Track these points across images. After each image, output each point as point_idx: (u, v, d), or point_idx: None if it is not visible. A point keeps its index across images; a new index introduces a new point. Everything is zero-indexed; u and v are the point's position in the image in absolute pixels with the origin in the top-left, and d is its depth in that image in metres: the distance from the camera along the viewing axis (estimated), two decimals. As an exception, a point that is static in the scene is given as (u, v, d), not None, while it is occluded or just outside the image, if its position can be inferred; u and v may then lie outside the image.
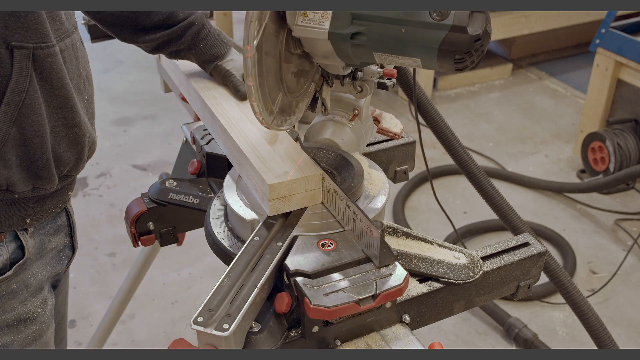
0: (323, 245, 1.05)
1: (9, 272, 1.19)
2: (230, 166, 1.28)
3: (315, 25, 1.00)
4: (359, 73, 1.21)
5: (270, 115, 1.04)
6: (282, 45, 1.03)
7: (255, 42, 0.94)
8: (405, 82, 1.62)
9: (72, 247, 1.41)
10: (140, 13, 1.29)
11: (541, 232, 3.07)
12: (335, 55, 1.04)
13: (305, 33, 1.01)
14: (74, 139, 1.20)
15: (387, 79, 1.25)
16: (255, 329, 0.97)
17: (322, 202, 1.16)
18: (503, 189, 3.44)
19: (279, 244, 1.05)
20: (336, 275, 1.00)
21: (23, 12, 1.06)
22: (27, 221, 1.20)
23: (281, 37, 1.03)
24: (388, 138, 1.49)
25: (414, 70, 1.58)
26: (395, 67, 1.31)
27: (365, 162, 1.27)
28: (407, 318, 1.08)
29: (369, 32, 0.97)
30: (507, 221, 1.75)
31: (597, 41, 3.35)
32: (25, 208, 1.19)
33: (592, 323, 1.71)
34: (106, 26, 1.33)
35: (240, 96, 1.34)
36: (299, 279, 0.98)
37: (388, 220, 1.16)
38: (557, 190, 3.38)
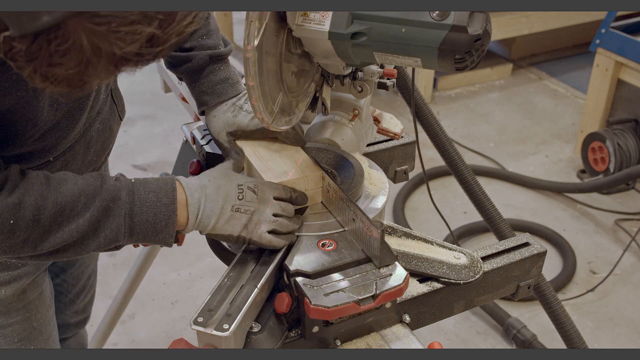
0: (323, 245, 1.05)
1: None
2: (230, 166, 1.28)
3: (315, 25, 1.00)
4: (359, 73, 1.21)
5: (271, 115, 1.04)
6: (283, 45, 1.03)
7: (255, 42, 0.94)
8: (404, 85, 1.62)
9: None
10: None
11: (541, 232, 3.07)
12: (336, 55, 1.04)
13: (305, 33, 1.01)
14: None
15: (387, 78, 1.25)
16: (255, 329, 0.97)
17: (322, 202, 1.16)
18: (503, 189, 3.44)
19: (279, 244, 1.05)
20: (336, 276, 1.00)
21: None
22: None
23: (281, 36, 1.02)
24: (388, 138, 1.49)
25: (413, 74, 1.58)
26: (395, 67, 1.31)
27: (365, 162, 1.27)
28: (407, 318, 1.08)
29: (369, 32, 0.97)
30: (492, 224, 1.77)
31: (597, 41, 3.35)
32: None
33: (564, 323, 1.74)
34: None
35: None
36: (299, 279, 0.98)
37: (388, 221, 1.16)
38: (557, 190, 3.38)
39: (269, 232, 1.04)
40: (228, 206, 1.03)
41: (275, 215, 1.05)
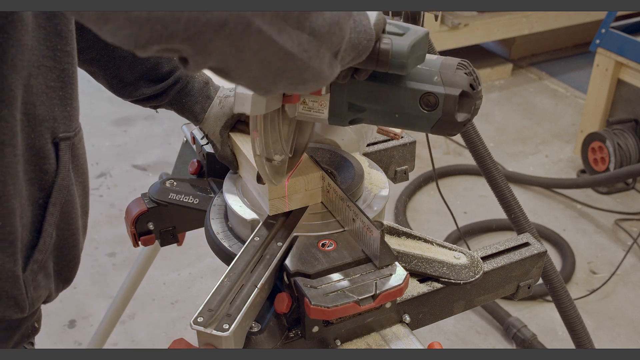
0: (323, 245, 1.05)
1: None
2: (230, 166, 1.28)
3: (314, 112, 1.03)
4: None
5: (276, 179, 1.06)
6: (281, 118, 1.04)
7: (261, 128, 0.97)
8: None
9: None
10: (122, 64, 1.19)
11: (541, 233, 3.07)
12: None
13: (306, 118, 1.04)
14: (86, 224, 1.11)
15: None
16: (255, 329, 0.97)
17: (322, 202, 1.16)
18: (503, 189, 3.44)
19: (279, 244, 1.05)
20: (336, 276, 1.00)
21: (69, 96, 0.96)
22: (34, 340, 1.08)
23: (281, 113, 1.03)
24: (388, 138, 1.49)
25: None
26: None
27: (365, 162, 1.27)
28: (407, 318, 1.08)
29: (365, 117, 1.01)
30: (517, 224, 1.75)
31: (597, 41, 3.35)
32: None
33: (576, 325, 1.73)
34: (86, 69, 1.22)
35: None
36: (299, 279, 0.98)
37: (389, 221, 1.16)
38: (555, 186, 3.38)
39: None
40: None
41: None
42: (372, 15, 0.85)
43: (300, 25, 0.69)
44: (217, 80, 1.35)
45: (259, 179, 1.08)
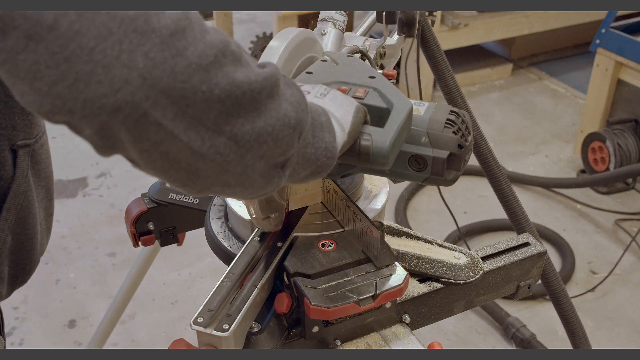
0: (323, 245, 1.05)
1: None
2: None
3: None
4: None
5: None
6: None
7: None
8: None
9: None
10: None
11: (541, 233, 3.07)
12: None
13: None
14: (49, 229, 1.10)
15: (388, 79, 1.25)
16: (255, 329, 0.97)
17: (322, 202, 1.16)
18: (503, 189, 3.44)
19: (279, 244, 1.05)
20: (336, 276, 1.00)
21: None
22: None
23: None
24: (388, 138, 1.49)
25: (418, 73, 1.58)
26: (394, 68, 1.31)
27: (365, 162, 1.27)
28: (407, 318, 1.08)
29: (356, 172, 1.00)
30: (517, 225, 1.75)
31: (597, 41, 3.35)
32: None
33: (573, 324, 1.73)
34: None
35: None
36: (298, 279, 0.98)
37: (389, 221, 1.16)
38: (554, 186, 3.38)
39: None
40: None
41: None
42: (348, 116, 0.82)
43: (218, 128, 0.64)
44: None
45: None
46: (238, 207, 1.14)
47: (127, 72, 0.58)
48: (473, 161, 1.72)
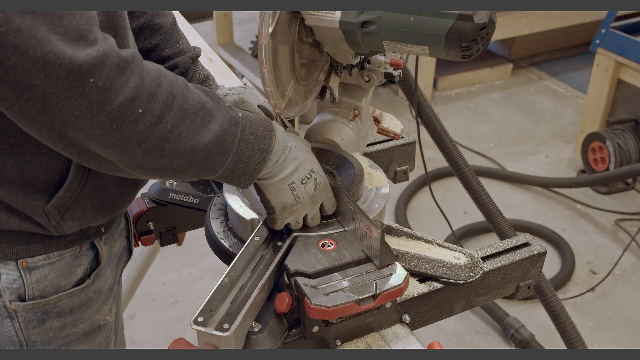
0: (323, 245, 1.05)
1: (88, 281, 1.14)
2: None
3: (327, 13, 1.03)
4: (367, 64, 1.22)
5: (283, 100, 1.06)
6: (295, 34, 1.06)
7: (270, 30, 0.97)
8: (406, 84, 1.62)
9: (129, 251, 1.33)
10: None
11: (541, 233, 3.07)
12: (345, 43, 1.07)
13: (317, 22, 1.04)
14: None
15: (394, 69, 1.26)
16: (255, 329, 0.97)
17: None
18: (503, 189, 3.44)
19: (279, 243, 1.05)
20: (336, 275, 1.00)
21: None
22: (102, 230, 1.15)
23: (294, 26, 1.05)
24: (388, 138, 1.49)
25: (416, 74, 1.59)
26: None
27: (365, 162, 1.27)
28: (407, 318, 1.08)
29: (378, 21, 1.00)
30: (494, 224, 1.78)
31: (597, 41, 3.35)
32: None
33: (564, 323, 1.74)
34: None
35: None
36: (299, 278, 0.98)
37: (389, 221, 1.16)
38: (554, 185, 3.39)
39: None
40: (289, 180, 1.01)
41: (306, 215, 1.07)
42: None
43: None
44: (218, 79, 1.35)
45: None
46: (238, 207, 1.14)
47: None
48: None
